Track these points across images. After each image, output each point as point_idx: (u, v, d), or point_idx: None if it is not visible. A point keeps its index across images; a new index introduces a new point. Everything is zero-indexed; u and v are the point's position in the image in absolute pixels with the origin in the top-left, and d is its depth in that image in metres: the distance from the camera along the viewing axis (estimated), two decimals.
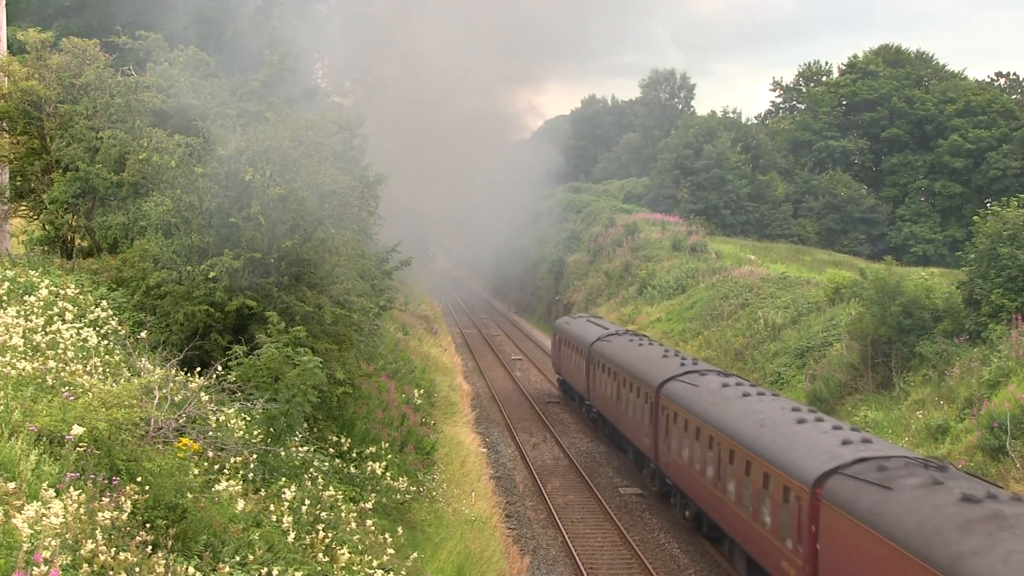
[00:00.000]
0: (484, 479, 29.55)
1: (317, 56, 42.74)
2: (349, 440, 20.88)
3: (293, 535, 12.03)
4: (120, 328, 16.74)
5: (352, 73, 45.87)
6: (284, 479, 13.85)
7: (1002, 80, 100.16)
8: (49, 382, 12.20)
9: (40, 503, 8.62)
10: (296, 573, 10.93)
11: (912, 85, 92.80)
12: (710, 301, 55.47)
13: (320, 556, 12.00)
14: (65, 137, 22.46)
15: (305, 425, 17.76)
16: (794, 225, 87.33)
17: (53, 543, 8.15)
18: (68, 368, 12.94)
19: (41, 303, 15.42)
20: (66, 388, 11.95)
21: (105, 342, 15.44)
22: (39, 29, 25.28)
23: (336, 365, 19.13)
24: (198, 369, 16.12)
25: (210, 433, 13.41)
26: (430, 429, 29.11)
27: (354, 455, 20.56)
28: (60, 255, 22.86)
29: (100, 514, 9.16)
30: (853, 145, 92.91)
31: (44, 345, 13.53)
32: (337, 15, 50.81)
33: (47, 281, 16.82)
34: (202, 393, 14.49)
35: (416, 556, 15.77)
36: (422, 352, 46.34)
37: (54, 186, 21.97)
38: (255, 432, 14.96)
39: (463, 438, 33.14)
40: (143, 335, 16.96)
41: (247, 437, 14.59)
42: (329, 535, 12.67)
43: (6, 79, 23.67)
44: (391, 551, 14.10)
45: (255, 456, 13.77)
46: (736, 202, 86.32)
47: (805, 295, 47.82)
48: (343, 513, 14.42)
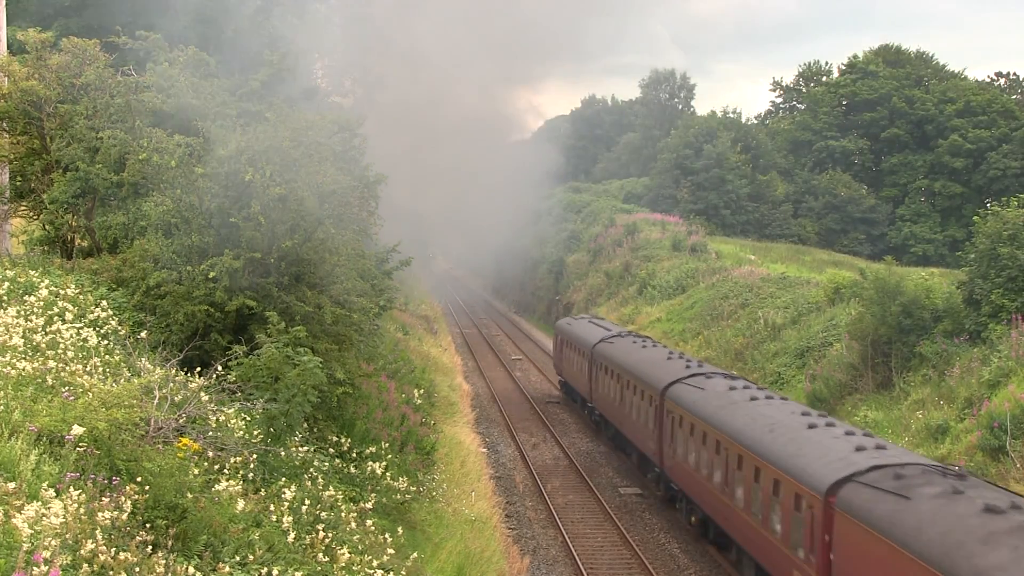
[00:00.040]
0: (484, 479, 29.55)
1: (317, 56, 42.70)
2: (349, 440, 20.87)
3: (293, 535, 12.03)
4: (120, 328, 16.75)
5: (352, 73, 45.87)
6: (284, 479, 13.85)
7: (1002, 80, 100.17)
8: (49, 382, 12.20)
9: (40, 503, 8.62)
10: (296, 573, 10.94)
11: (912, 85, 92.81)
12: (710, 301, 55.46)
13: (320, 556, 12.00)
14: (65, 137, 22.46)
15: (305, 425, 17.77)
16: (794, 225, 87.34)
17: (53, 543, 8.15)
18: (68, 368, 12.94)
19: (41, 303, 15.43)
20: (66, 388, 11.95)
21: (105, 342, 15.45)
22: (39, 29, 25.28)
23: (336, 365, 19.13)
24: (198, 369, 16.13)
25: (210, 433, 13.42)
26: (430, 429, 29.11)
27: (354, 455, 20.55)
28: (60, 255, 22.85)
29: (100, 514, 9.16)
30: (853, 145, 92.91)
31: (44, 345, 13.54)
32: (337, 15, 50.72)
33: (47, 281, 16.82)
34: (202, 393, 14.50)
35: (416, 556, 15.77)
36: (422, 352, 46.34)
37: (54, 186, 21.97)
38: (255, 432, 14.96)
39: (463, 438, 33.15)
40: (143, 335, 16.96)
41: (247, 437, 14.59)
42: (329, 535, 12.68)
43: (6, 79, 23.67)
44: (391, 551, 14.10)
45: (255, 456, 13.78)
46: (736, 202, 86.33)
47: (805, 295, 47.81)
48: (343, 513, 14.42)
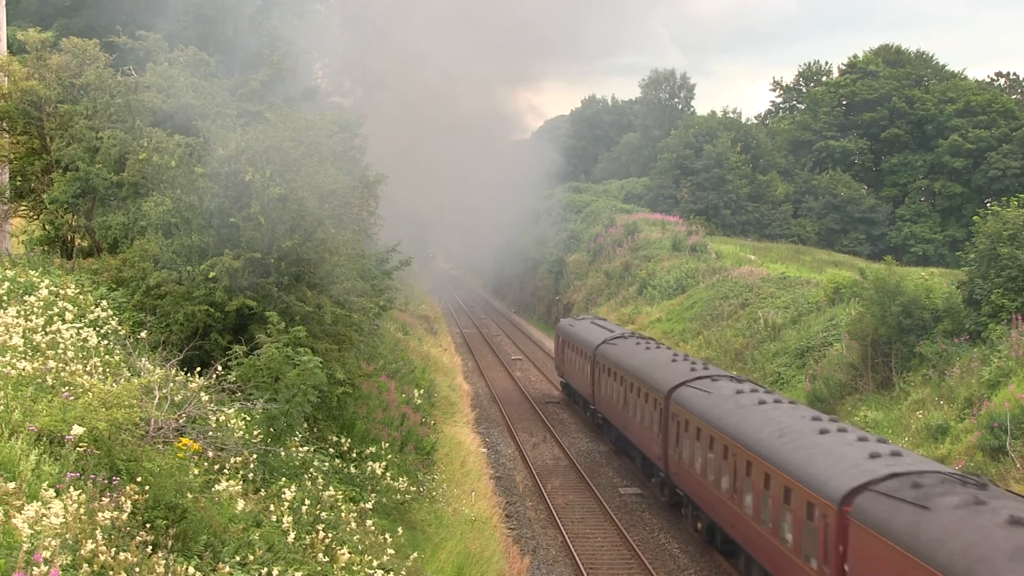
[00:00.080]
0: (484, 479, 29.55)
1: (317, 56, 42.78)
2: (349, 440, 20.87)
3: (293, 535, 12.03)
4: (120, 328, 16.75)
5: (352, 73, 45.93)
6: (284, 479, 13.84)
7: (1002, 80, 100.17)
8: (49, 382, 12.20)
9: (40, 503, 8.62)
10: (296, 573, 10.94)
11: (912, 85, 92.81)
12: (710, 301, 55.46)
13: (320, 556, 11.99)
14: (65, 137, 22.47)
15: (305, 425, 17.75)
16: (794, 225, 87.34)
17: (53, 543, 8.15)
18: (68, 368, 12.94)
19: (41, 303, 15.43)
20: (66, 388, 11.95)
21: (105, 342, 15.45)
22: (39, 29, 25.30)
23: (336, 365, 19.14)
24: (198, 369, 16.13)
25: (210, 433, 13.42)
26: (430, 429, 29.12)
27: (354, 455, 20.54)
28: (60, 255, 22.86)
29: (100, 514, 9.16)
30: (853, 145, 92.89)
31: (44, 345, 13.54)
32: (337, 15, 50.79)
33: (47, 281, 16.82)
34: (202, 393, 14.50)
35: (416, 556, 15.78)
36: (422, 352, 46.33)
37: (54, 186, 21.98)
38: (255, 432, 14.96)
39: (463, 438, 33.15)
40: (143, 335, 16.96)
41: (247, 437, 14.59)
42: (329, 535, 12.67)
43: (6, 79, 23.68)
44: (391, 551, 14.10)
45: (255, 456, 13.78)
46: (736, 202, 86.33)
47: (805, 295, 47.81)
48: (343, 513, 14.42)
